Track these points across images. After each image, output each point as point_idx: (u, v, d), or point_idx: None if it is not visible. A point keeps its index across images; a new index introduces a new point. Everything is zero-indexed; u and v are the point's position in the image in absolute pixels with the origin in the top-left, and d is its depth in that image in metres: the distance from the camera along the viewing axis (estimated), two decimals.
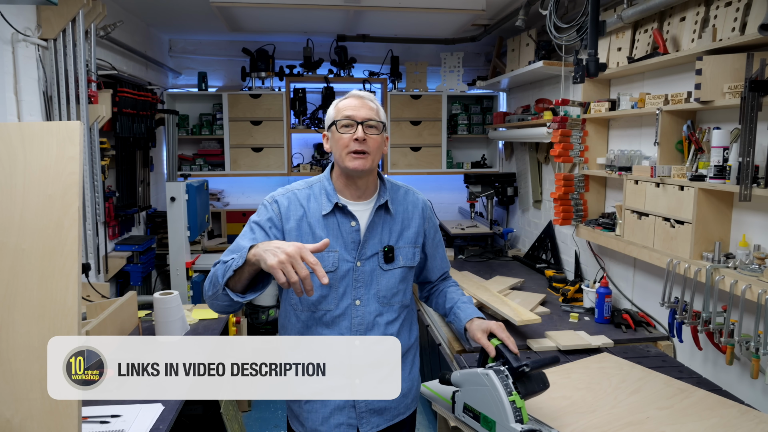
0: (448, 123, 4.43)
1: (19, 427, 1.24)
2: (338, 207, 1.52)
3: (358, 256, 1.52)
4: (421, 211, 1.65)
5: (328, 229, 1.51)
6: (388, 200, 1.57)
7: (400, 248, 1.58)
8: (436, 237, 1.73)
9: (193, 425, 2.56)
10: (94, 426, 1.58)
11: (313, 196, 1.55)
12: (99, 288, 2.58)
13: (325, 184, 1.56)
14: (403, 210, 1.61)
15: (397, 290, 1.57)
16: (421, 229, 1.64)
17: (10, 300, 1.25)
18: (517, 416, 1.29)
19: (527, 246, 3.85)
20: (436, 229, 1.73)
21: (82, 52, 2.54)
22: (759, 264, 1.76)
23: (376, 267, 1.54)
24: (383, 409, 1.55)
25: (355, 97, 1.55)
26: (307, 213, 1.52)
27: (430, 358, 3.01)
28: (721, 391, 1.72)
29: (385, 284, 1.55)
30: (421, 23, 3.75)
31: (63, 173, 1.29)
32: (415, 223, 1.62)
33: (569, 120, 2.74)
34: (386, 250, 1.55)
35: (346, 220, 1.52)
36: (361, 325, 1.52)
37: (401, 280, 1.58)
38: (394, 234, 1.57)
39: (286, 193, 1.56)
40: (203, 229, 3.67)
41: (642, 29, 2.39)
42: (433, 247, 1.73)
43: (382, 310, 1.54)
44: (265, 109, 4.23)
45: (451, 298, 1.74)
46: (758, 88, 1.67)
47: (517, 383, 1.34)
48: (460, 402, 1.45)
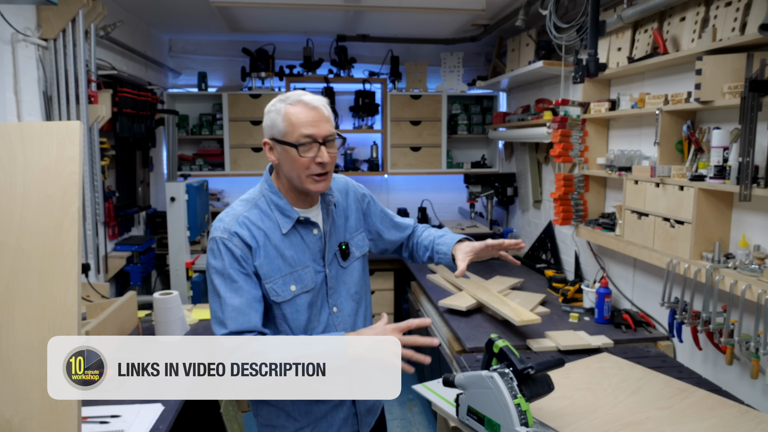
0: (448, 123, 4.43)
1: (19, 427, 1.24)
2: (299, 221, 1.42)
3: (325, 263, 1.45)
4: (353, 194, 1.57)
5: (294, 246, 1.40)
6: (330, 195, 1.49)
7: (351, 239, 1.52)
8: (376, 207, 1.63)
9: (193, 425, 2.56)
10: (94, 426, 1.58)
11: (265, 215, 1.40)
12: (99, 288, 2.58)
13: (274, 199, 1.41)
14: (339, 199, 1.53)
15: (362, 281, 1.53)
16: (359, 212, 1.57)
17: (10, 300, 1.25)
18: (522, 419, 1.28)
19: (527, 246, 3.85)
20: (370, 199, 1.62)
21: (82, 52, 2.54)
22: (759, 264, 1.76)
23: (338, 267, 1.48)
24: (373, 405, 1.55)
25: (309, 108, 1.35)
26: (268, 235, 1.38)
27: (430, 358, 3.00)
28: (721, 391, 1.72)
29: (350, 281, 1.49)
30: (421, 23, 3.75)
31: (63, 173, 1.29)
32: (352, 207, 1.55)
33: (569, 120, 2.74)
34: (343, 248, 1.48)
35: (307, 231, 1.43)
36: (345, 331, 1.45)
37: (362, 270, 1.54)
38: (342, 228, 1.51)
39: (237, 221, 1.37)
40: (203, 229, 3.67)
41: (642, 29, 2.39)
42: (383, 218, 1.64)
43: (356, 307, 1.50)
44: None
45: (428, 239, 1.64)
46: (758, 88, 1.67)
47: (521, 386, 1.33)
48: (464, 405, 1.44)
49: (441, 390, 1.68)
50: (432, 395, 1.68)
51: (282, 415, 1.44)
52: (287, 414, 1.44)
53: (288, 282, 1.38)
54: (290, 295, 1.38)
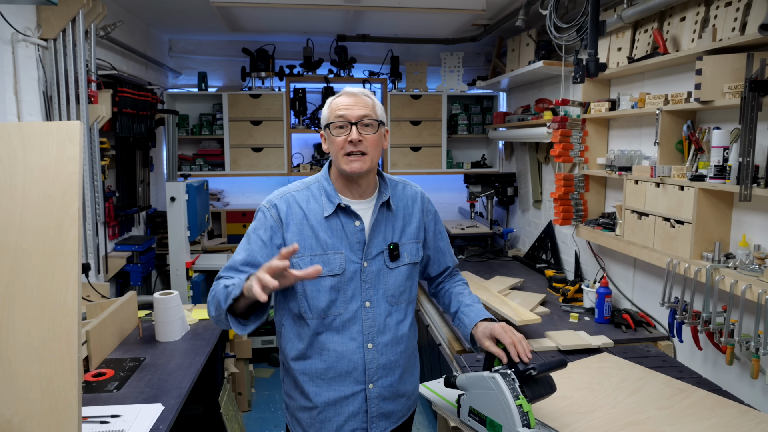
0: (448, 123, 4.43)
1: (19, 427, 1.23)
2: (341, 207, 1.47)
3: (364, 257, 1.48)
4: (420, 204, 1.61)
5: (331, 231, 1.46)
6: (390, 197, 1.53)
7: (404, 245, 1.54)
8: (437, 228, 1.67)
9: (193, 425, 2.56)
10: (94, 426, 1.57)
11: (313, 198, 1.50)
12: (99, 288, 2.58)
13: (324, 185, 1.51)
14: (404, 206, 1.57)
15: (404, 288, 1.54)
16: (421, 223, 1.60)
17: (10, 300, 1.25)
18: (524, 420, 1.27)
19: (527, 246, 3.85)
20: (436, 219, 1.67)
21: (82, 52, 2.54)
22: (759, 264, 1.76)
23: (382, 266, 1.50)
24: (390, 413, 1.54)
25: (348, 95, 1.47)
26: (307, 215, 1.47)
27: (430, 358, 3.01)
28: (721, 391, 1.72)
29: (392, 283, 1.51)
30: (421, 23, 3.75)
31: (63, 173, 1.29)
32: (415, 217, 1.59)
33: (569, 120, 2.74)
34: (391, 248, 1.51)
35: (349, 221, 1.48)
36: (372, 327, 1.49)
37: (407, 278, 1.55)
38: (397, 231, 1.54)
39: (283, 196, 1.50)
40: (203, 229, 3.67)
41: (642, 29, 2.39)
42: (435, 239, 1.67)
43: (390, 309, 1.51)
44: (265, 109, 4.23)
45: (457, 300, 1.65)
46: (758, 88, 1.67)
47: (523, 387, 1.32)
48: (466, 405, 1.43)
49: (441, 390, 1.67)
50: (432, 395, 1.68)
51: (297, 390, 1.52)
52: (301, 391, 1.51)
53: (315, 262, 1.44)
54: None
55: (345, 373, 1.47)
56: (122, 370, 1.95)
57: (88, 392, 1.79)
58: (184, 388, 1.82)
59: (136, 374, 1.92)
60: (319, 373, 1.48)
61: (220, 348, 2.70)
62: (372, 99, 1.49)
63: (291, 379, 1.53)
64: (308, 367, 1.49)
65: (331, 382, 1.48)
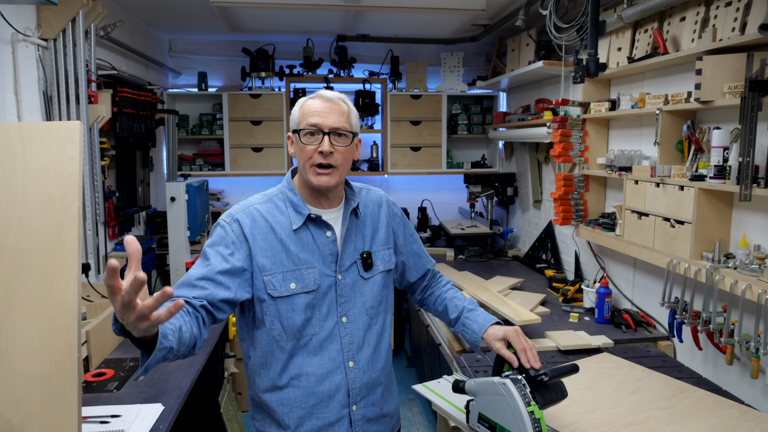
0: (448, 123, 4.43)
1: (19, 427, 1.24)
2: (311, 218, 1.38)
3: (338, 269, 1.39)
4: (386, 208, 1.54)
5: (302, 245, 1.37)
6: (358, 203, 1.46)
7: (376, 252, 1.47)
8: (406, 231, 1.59)
9: (193, 425, 2.56)
10: (94, 426, 1.58)
11: (278, 210, 1.39)
12: (99, 288, 2.58)
13: (289, 195, 1.40)
14: (370, 212, 1.50)
15: (381, 297, 1.47)
16: (389, 228, 1.53)
17: (10, 300, 1.25)
18: (536, 427, 1.23)
19: (527, 246, 3.85)
20: (404, 222, 1.59)
21: (82, 52, 2.54)
22: (759, 264, 1.76)
23: (357, 277, 1.42)
24: (377, 420, 1.47)
25: (323, 99, 1.36)
26: (274, 229, 1.36)
27: (430, 358, 3.00)
28: (721, 391, 1.72)
29: (369, 294, 1.44)
30: (421, 23, 3.75)
31: (63, 173, 1.29)
32: (383, 222, 1.51)
33: (569, 120, 2.74)
34: (365, 257, 1.43)
35: (320, 232, 1.39)
36: (352, 344, 1.40)
37: (383, 286, 1.48)
38: (368, 238, 1.47)
39: (245, 209, 1.38)
40: (203, 229, 3.67)
41: (642, 29, 2.39)
42: (407, 242, 1.59)
43: (370, 322, 1.44)
44: (265, 109, 4.23)
45: (454, 306, 1.58)
46: (758, 88, 1.67)
47: (535, 393, 1.28)
48: (475, 412, 1.39)
49: (441, 390, 1.67)
50: (432, 395, 1.68)
51: (274, 424, 1.40)
52: (279, 423, 1.39)
53: (288, 279, 1.35)
54: (288, 292, 1.34)
55: (327, 397, 1.37)
56: (122, 370, 1.95)
57: (88, 392, 1.79)
58: (184, 388, 1.82)
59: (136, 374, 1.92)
60: (298, 401, 1.37)
61: (220, 348, 2.70)
62: (348, 105, 1.40)
63: (264, 414, 1.42)
64: (285, 397, 1.38)
65: (313, 410, 1.37)
